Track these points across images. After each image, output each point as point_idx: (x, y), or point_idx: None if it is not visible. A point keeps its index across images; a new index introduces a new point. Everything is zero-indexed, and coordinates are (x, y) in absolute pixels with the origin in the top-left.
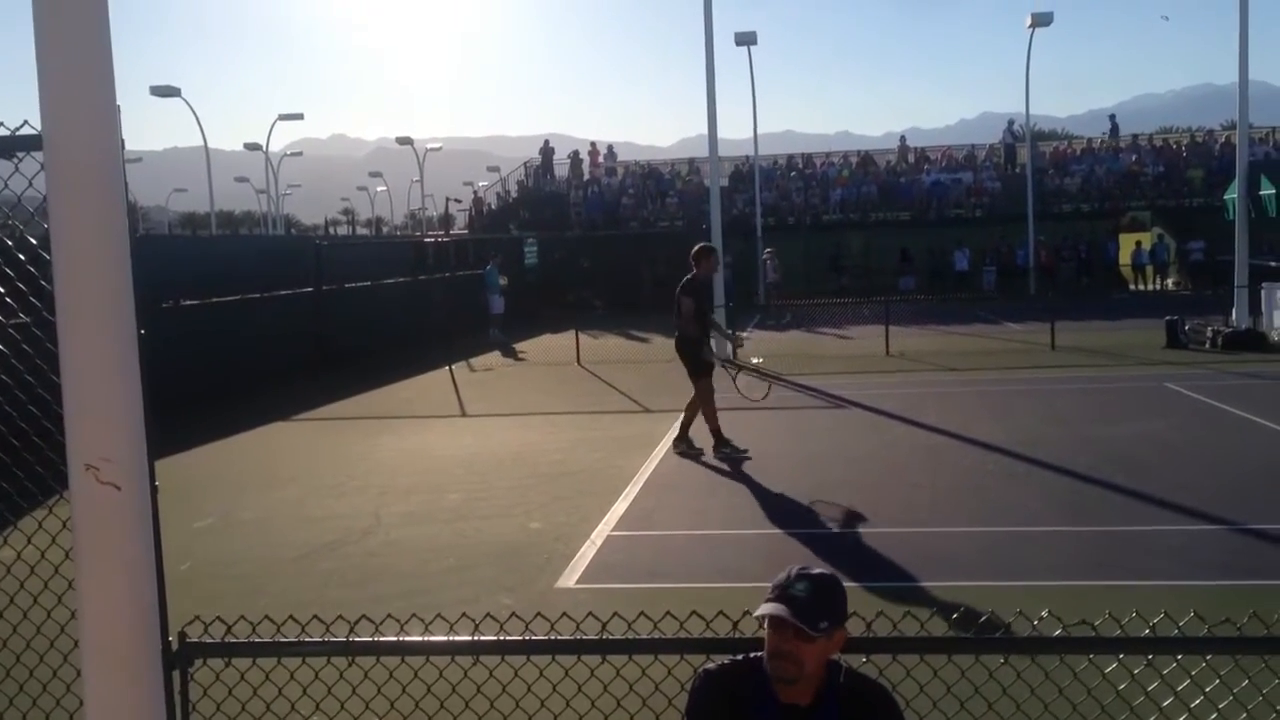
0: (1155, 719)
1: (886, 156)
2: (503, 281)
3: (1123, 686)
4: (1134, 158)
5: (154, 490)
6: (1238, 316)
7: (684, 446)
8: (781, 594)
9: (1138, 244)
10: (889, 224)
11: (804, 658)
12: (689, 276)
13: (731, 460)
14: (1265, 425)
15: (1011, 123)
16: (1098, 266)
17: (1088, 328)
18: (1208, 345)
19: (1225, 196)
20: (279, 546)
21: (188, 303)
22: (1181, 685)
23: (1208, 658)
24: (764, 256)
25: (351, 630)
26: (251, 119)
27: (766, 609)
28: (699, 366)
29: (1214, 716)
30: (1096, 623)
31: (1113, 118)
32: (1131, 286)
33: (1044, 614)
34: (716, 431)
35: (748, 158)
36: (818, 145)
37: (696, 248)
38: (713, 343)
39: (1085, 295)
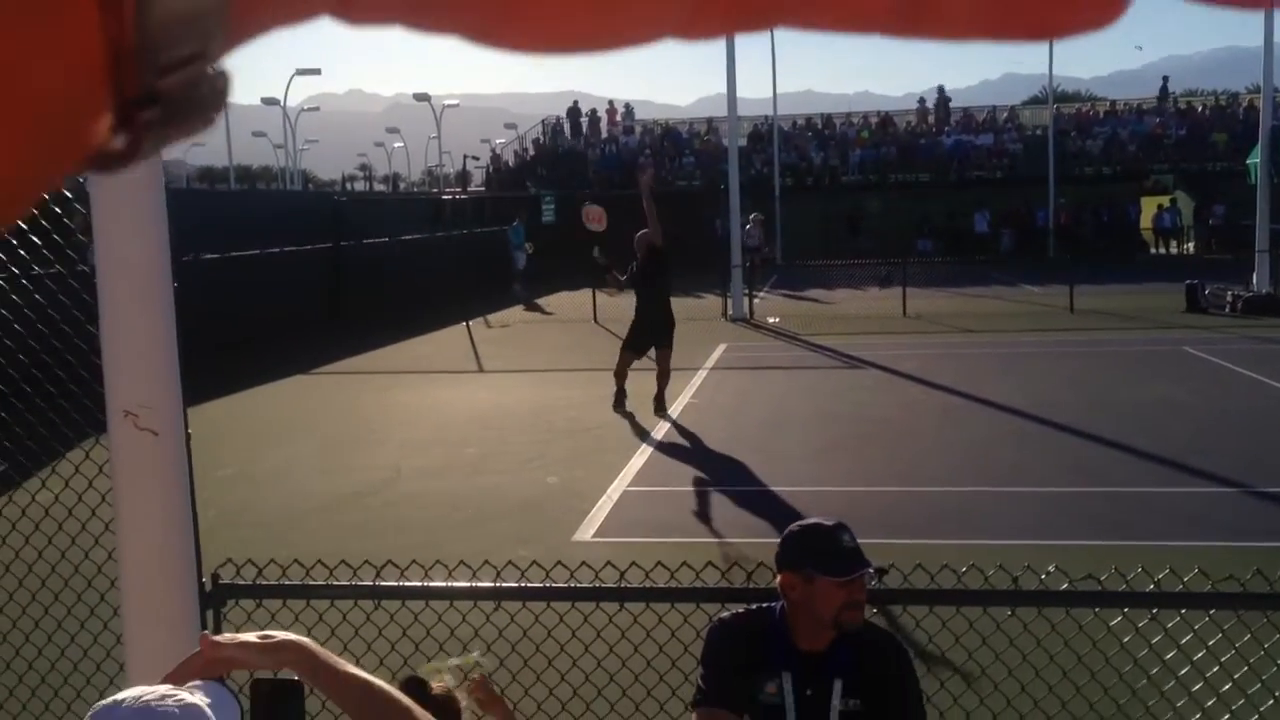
0: (1158, 671)
1: (907, 117)
2: (528, 248)
3: (1127, 639)
4: (1157, 121)
5: (187, 437)
6: (1258, 281)
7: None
8: (844, 551)
9: (1159, 207)
10: (908, 185)
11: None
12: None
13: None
14: None
15: (941, 89)
16: (1118, 230)
17: (1107, 291)
18: (1228, 310)
19: (1248, 161)
20: (300, 497)
21: (207, 256)
22: (1185, 639)
23: (1211, 612)
24: (749, 222)
25: (378, 575)
26: (268, 73)
27: (853, 572)
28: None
29: (1215, 670)
30: (1103, 578)
31: (1166, 79)
32: (1152, 250)
33: (1051, 569)
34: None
35: (767, 118)
36: (837, 105)
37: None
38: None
39: (1105, 258)
